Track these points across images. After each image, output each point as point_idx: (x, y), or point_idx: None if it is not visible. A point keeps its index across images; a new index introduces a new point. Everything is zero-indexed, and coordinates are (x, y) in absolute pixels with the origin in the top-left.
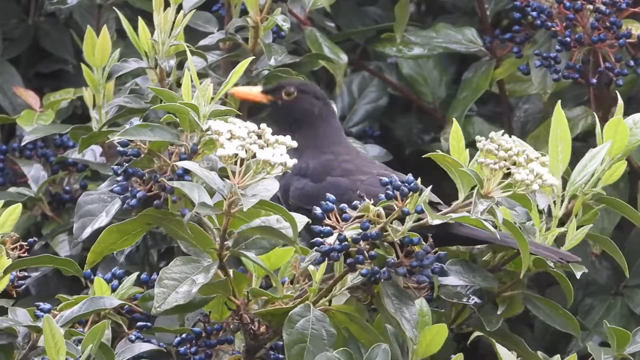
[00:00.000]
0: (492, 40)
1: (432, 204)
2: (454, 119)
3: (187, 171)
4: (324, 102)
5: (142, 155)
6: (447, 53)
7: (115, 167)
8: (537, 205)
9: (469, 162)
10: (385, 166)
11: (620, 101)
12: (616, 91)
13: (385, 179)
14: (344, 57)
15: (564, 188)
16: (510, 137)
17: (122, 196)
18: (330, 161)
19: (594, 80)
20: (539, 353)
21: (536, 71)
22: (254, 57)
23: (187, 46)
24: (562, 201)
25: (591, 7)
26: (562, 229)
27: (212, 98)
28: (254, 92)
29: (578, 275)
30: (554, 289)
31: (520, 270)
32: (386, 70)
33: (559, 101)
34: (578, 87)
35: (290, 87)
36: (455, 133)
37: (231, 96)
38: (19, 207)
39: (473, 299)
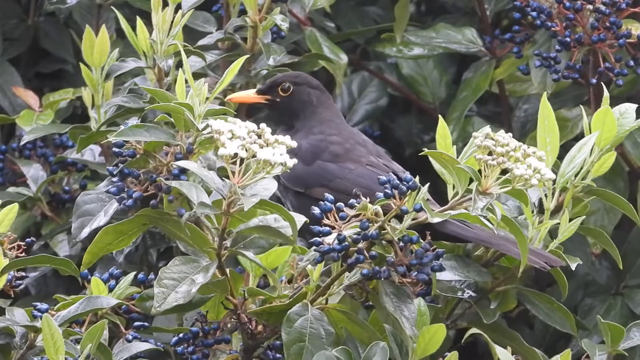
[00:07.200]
0: (492, 40)
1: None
2: (439, 116)
3: (183, 171)
4: (319, 89)
5: (138, 156)
6: (447, 53)
7: (111, 168)
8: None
9: (457, 158)
10: (380, 150)
11: (606, 92)
12: (601, 83)
13: (383, 178)
14: (344, 57)
15: (554, 181)
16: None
17: (118, 197)
18: (319, 142)
19: (594, 80)
20: (538, 352)
21: (536, 71)
22: (248, 55)
23: (185, 45)
24: (553, 194)
25: (591, 7)
26: (555, 221)
27: (207, 98)
28: (250, 95)
29: (573, 266)
30: (553, 288)
31: (514, 265)
32: (386, 70)
33: (545, 93)
34: (578, 87)
35: (285, 82)
36: (441, 130)
37: (229, 102)
38: (15, 207)
39: (468, 293)
